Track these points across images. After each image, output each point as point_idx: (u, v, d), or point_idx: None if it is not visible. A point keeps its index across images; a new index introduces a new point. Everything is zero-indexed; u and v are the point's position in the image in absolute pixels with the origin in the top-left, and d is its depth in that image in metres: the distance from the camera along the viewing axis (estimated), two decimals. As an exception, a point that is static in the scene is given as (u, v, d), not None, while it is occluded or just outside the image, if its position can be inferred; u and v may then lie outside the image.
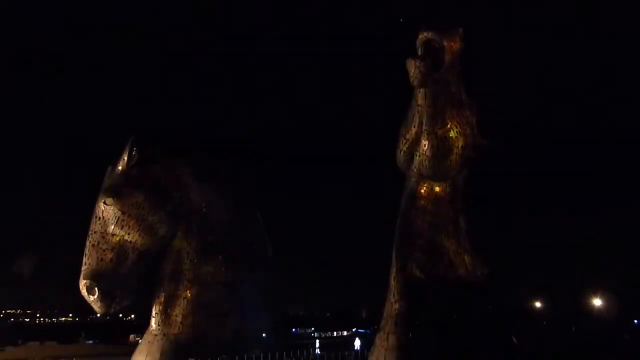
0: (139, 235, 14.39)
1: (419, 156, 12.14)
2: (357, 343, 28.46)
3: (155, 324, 14.95)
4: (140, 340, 16.52)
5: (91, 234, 14.37)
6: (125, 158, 14.61)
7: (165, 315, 14.90)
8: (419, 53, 11.78)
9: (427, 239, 12.53)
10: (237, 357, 13.67)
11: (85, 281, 13.91)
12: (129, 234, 14.26)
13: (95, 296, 13.84)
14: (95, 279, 13.89)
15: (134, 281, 14.64)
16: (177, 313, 14.89)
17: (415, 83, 11.61)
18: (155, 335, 14.81)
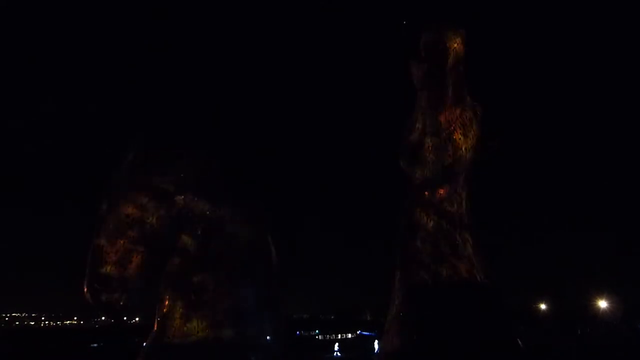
0: (143, 238, 14.40)
1: (423, 158, 12.14)
2: (376, 345, 28.28)
3: (159, 328, 14.96)
4: (145, 344, 16.55)
5: (94, 237, 14.40)
6: (130, 159, 14.62)
7: (169, 320, 14.91)
8: (422, 55, 11.80)
9: (431, 242, 12.52)
10: None
11: (89, 285, 13.94)
12: (132, 237, 14.27)
13: (100, 300, 13.86)
14: (100, 283, 13.91)
15: (139, 285, 14.65)
16: (182, 316, 14.90)
17: (418, 85, 11.63)
18: (160, 339, 14.81)
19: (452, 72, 11.95)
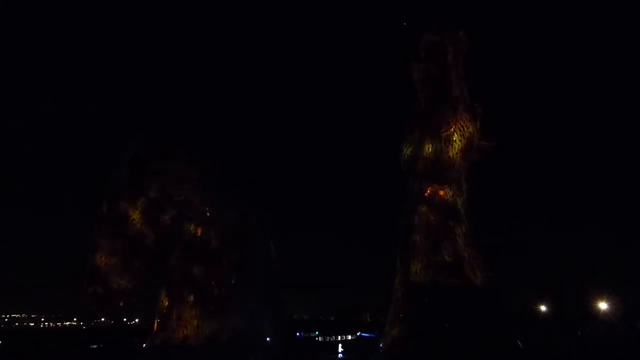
0: (144, 239, 14.42)
1: (423, 159, 12.15)
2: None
3: (159, 328, 14.95)
4: (145, 345, 16.54)
5: (96, 238, 14.39)
6: (130, 159, 14.62)
7: (169, 319, 14.90)
8: (422, 55, 11.83)
9: (431, 242, 12.55)
10: None
11: (89, 286, 13.93)
12: (132, 237, 14.28)
13: (100, 301, 13.86)
14: (101, 283, 13.92)
15: (139, 285, 14.65)
16: (181, 317, 14.89)
17: (418, 85, 11.65)
18: (159, 339, 14.80)
19: (451, 72, 11.98)
